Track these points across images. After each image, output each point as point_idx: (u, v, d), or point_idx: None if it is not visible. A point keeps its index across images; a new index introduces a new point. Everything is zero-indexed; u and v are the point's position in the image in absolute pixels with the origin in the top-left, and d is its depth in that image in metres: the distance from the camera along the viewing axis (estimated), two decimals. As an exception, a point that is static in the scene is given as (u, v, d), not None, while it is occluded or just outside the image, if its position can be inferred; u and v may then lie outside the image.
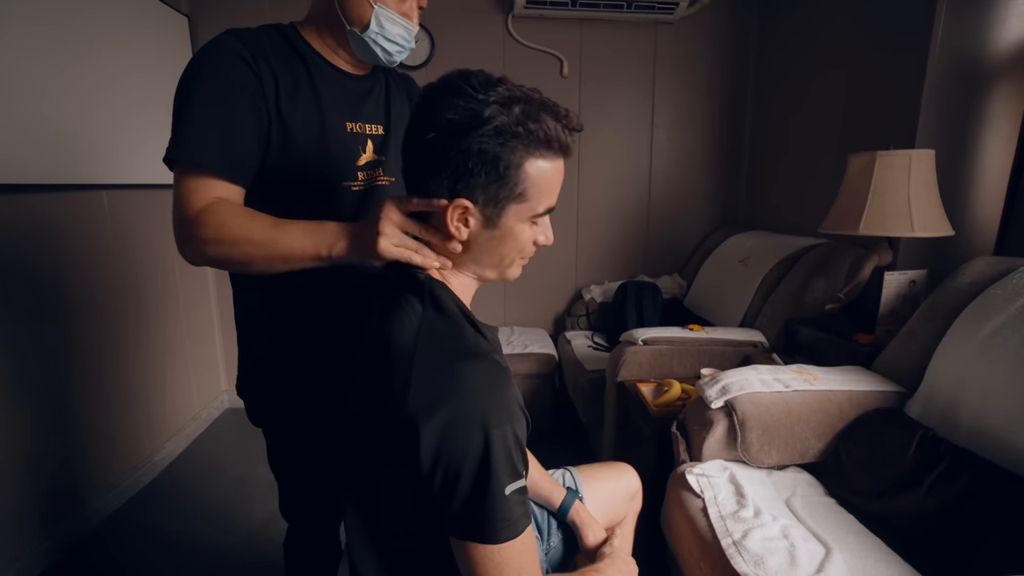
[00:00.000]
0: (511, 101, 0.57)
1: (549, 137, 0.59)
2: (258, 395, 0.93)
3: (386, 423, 0.58)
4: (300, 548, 1.03)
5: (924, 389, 1.15)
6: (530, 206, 0.61)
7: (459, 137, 0.57)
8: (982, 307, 1.12)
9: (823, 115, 2.03)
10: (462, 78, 0.58)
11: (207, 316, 2.50)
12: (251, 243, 0.70)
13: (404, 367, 0.57)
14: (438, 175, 0.59)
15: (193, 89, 0.75)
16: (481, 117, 0.56)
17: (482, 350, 0.59)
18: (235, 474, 2.02)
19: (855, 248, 1.70)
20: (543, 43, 2.44)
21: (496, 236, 0.63)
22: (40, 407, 1.54)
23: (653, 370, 1.69)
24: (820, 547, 0.94)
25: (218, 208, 0.72)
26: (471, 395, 0.55)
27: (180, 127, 0.75)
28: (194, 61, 0.77)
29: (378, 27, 0.81)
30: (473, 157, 0.57)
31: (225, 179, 0.75)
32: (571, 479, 1.00)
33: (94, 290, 1.76)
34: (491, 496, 0.54)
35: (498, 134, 0.56)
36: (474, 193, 0.59)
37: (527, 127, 0.57)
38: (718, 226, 2.67)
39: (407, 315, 0.62)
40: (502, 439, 0.54)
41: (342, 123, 0.86)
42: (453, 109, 0.57)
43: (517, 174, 0.59)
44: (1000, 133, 1.44)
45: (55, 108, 1.56)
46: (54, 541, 1.56)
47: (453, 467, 0.54)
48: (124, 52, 1.87)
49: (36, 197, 1.54)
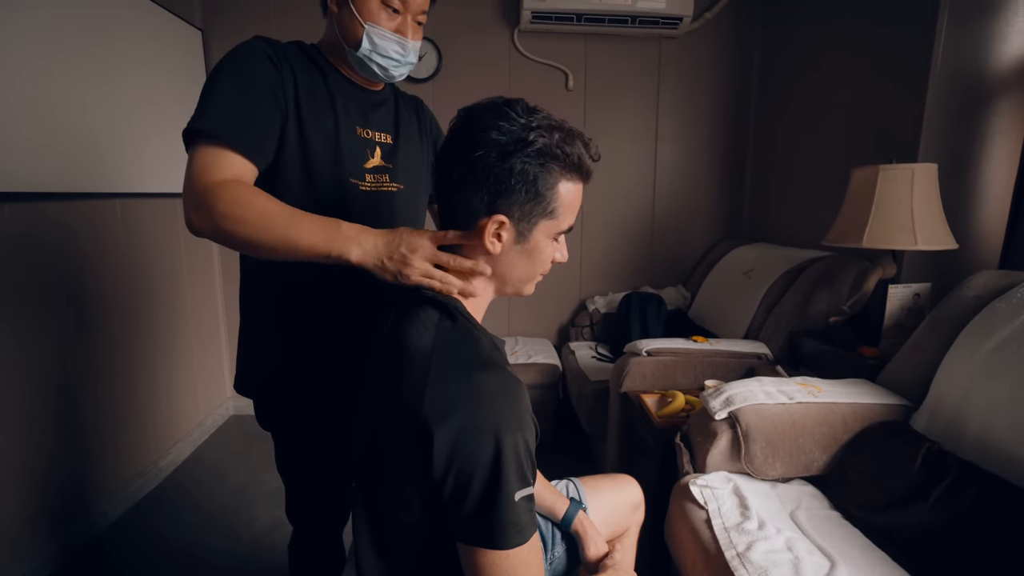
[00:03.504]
0: (551, 128, 0.63)
1: (580, 162, 0.65)
2: (271, 399, 0.94)
3: (399, 427, 0.59)
4: (305, 552, 1.04)
5: (929, 402, 1.15)
6: (557, 223, 0.67)
7: (504, 157, 0.61)
8: (987, 320, 1.12)
9: (826, 128, 2.04)
10: (507, 104, 0.64)
11: (213, 322, 2.53)
12: (262, 225, 0.71)
13: (420, 373, 0.59)
14: (479, 190, 0.63)
15: (221, 75, 0.79)
16: (526, 140, 0.61)
17: (496, 361, 0.61)
18: (239, 481, 2.03)
19: (859, 261, 1.70)
20: (549, 57, 2.48)
21: (525, 251, 0.67)
22: (49, 411, 1.55)
23: (657, 381, 1.69)
24: (825, 560, 0.93)
25: (236, 184, 0.74)
26: (485, 403, 0.56)
27: (205, 104, 0.77)
28: (225, 56, 0.82)
29: (370, 45, 0.86)
30: (516, 175, 0.62)
31: (243, 155, 0.77)
32: (574, 490, 1.01)
33: (104, 296, 1.78)
34: (501, 501, 0.55)
35: (540, 155, 0.62)
36: (511, 209, 0.64)
37: (564, 151, 0.63)
38: (722, 238, 2.68)
39: (422, 323, 0.64)
40: (513, 446, 0.55)
41: (353, 127, 0.91)
42: (499, 130, 0.62)
43: (552, 193, 0.64)
44: (1003, 148, 1.45)
45: (74, 121, 1.60)
46: (61, 544, 1.56)
47: (465, 472, 0.55)
48: (140, 66, 1.91)
49: (53, 205, 1.57)
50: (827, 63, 2.04)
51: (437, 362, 0.59)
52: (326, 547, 1.04)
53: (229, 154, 0.76)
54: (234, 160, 0.76)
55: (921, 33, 1.54)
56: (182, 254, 2.24)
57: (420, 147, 1.03)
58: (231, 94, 0.78)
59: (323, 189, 0.87)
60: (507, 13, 2.44)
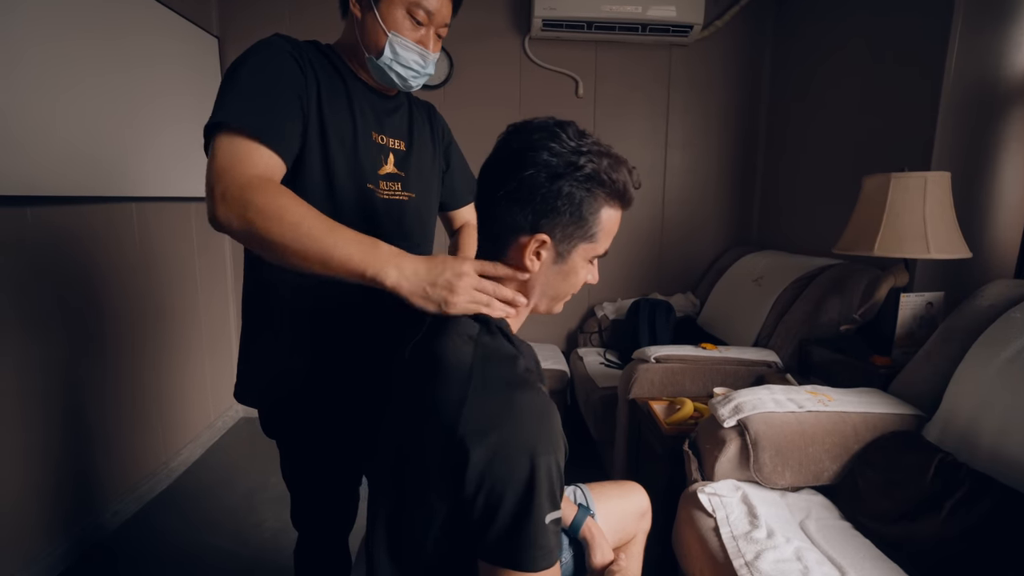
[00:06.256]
0: (601, 154, 0.64)
1: (625, 190, 0.66)
2: (276, 408, 0.93)
3: (431, 441, 0.59)
4: (311, 558, 1.04)
5: (942, 412, 1.14)
6: (595, 247, 0.68)
7: (554, 179, 0.62)
8: (1002, 330, 1.10)
9: (837, 136, 2.03)
10: (559, 126, 0.64)
11: (225, 324, 2.56)
12: (298, 229, 0.67)
13: (459, 389, 0.58)
14: (524, 208, 0.64)
15: (242, 69, 0.77)
16: (576, 164, 0.62)
17: (532, 380, 0.61)
18: (247, 483, 2.04)
19: (870, 269, 1.69)
20: (559, 64, 2.49)
21: (561, 271, 0.68)
22: (60, 410, 1.58)
23: (665, 388, 1.68)
24: (835, 571, 0.92)
25: (273, 183, 0.72)
26: (523, 423, 0.56)
27: (227, 96, 0.75)
28: (245, 52, 0.79)
29: (392, 54, 0.85)
30: (563, 198, 0.63)
31: (270, 147, 0.74)
32: (582, 496, 1.00)
33: (118, 297, 1.81)
34: (531, 523, 0.54)
35: (588, 180, 0.63)
36: (553, 230, 0.64)
37: (611, 177, 0.64)
38: (732, 245, 2.67)
39: (460, 336, 0.64)
40: (547, 468, 0.55)
41: (369, 132, 0.90)
42: (550, 152, 0.62)
43: (594, 218, 0.65)
44: (1018, 156, 1.44)
45: (90, 124, 1.64)
46: (71, 544, 1.58)
47: (497, 492, 0.54)
48: (158, 73, 1.95)
49: (73, 208, 1.61)
50: (838, 70, 2.03)
51: (476, 378, 0.59)
52: (332, 553, 1.03)
53: (258, 147, 0.73)
54: (263, 153, 0.74)
55: (935, 41, 1.53)
56: (195, 256, 2.27)
57: (432, 155, 1.02)
58: (255, 89, 0.76)
59: (342, 195, 0.86)
60: (518, 20, 2.46)
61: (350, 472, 1.00)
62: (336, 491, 0.99)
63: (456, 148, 1.13)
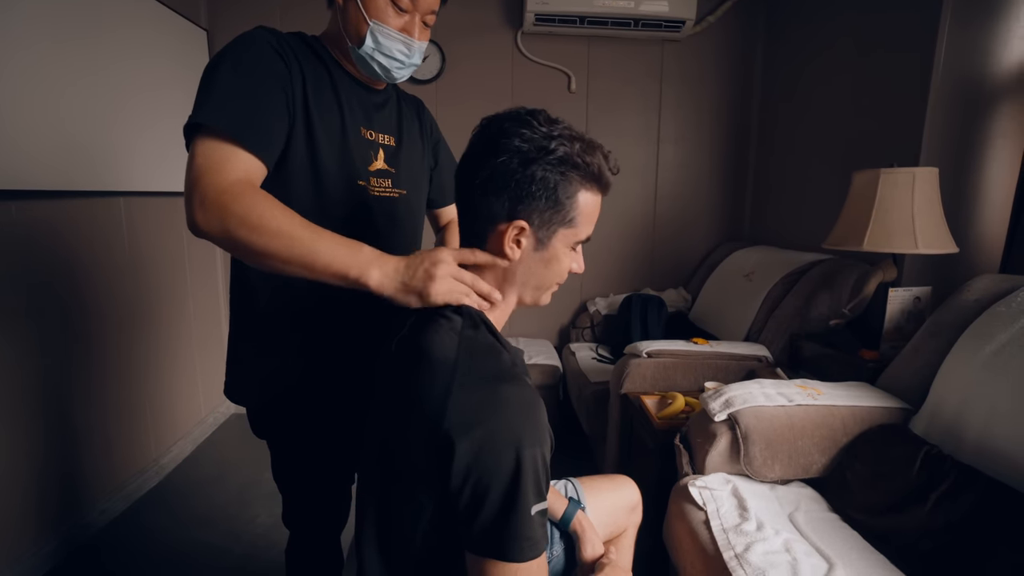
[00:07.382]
0: (572, 138, 0.64)
1: (600, 173, 0.66)
2: (266, 408, 0.91)
3: (417, 435, 0.59)
4: (302, 556, 1.03)
5: (929, 406, 1.15)
6: (575, 232, 0.68)
7: (526, 164, 0.63)
8: (987, 325, 1.12)
9: (827, 132, 2.05)
10: (529, 114, 0.65)
11: (216, 319, 2.54)
12: (279, 236, 0.66)
13: (443, 383, 0.58)
14: (500, 196, 0.64)
15: (222, 66, 0.74)
16: (547, 148, 0.62)
17: (518, 373, 0.61)
18: (239, 480, 2.03)
19: (860, 264, 1.70)
20: (551, 59, 2.49)
21: (543, 258, 0.68)
22: (49, 407, 1.56)
23: (657, 383, 1.69)
24: (823, 562, 0.93)
25: (252, 189, 0.70)
26: (509, 415, 0.56)
27: (207, 95, 0.72)
28: (226, 46, 0.76)
29: (374, 43, 0.82)
30: (537, 183, 0.63)
31: (250, 151, 0.72)
32: (573, 490, 1.01)
33: (107, 293, 1.79)
34: (518, 515, 0.55)
35: (560, 164, 0.63)
36: (531, 216, 0.65)
37: (584, 160, 0.64)
38: (723, 240, 2.68)
39: (445, 329, 0.64)
40: (532, 460, 0.55)
41: (358, 127, 0.88)
42: (521, 138, 0.63)
43: (571, 202, 0.65)
44: (1004, 152, 1.45)
45: (78, 118, 1.61)
46: (59, 542, 1.57)
47: (483, 484, 0.55)
48: (145, 65, 1.92)
49: (60, 203, 1.58)
50: (829, 67, 2.04)
51: (461, 372, 0.59)
52: (324, 551, 1.02)
53: (236, 150, 0.71)
54: (242, 157, 0.71)
55: (923, 38, 1.54)
56: (184, 252, 2.25)
57: (422, 151, 1.01)
58: (236, 86, 0.73)
59: (330, 192, 0.84)
60: (510, 15, 2.45)
61: (342, 471, 0.99)
62: (328, 491, 0.98)
63: (444, 145, 1.11)
